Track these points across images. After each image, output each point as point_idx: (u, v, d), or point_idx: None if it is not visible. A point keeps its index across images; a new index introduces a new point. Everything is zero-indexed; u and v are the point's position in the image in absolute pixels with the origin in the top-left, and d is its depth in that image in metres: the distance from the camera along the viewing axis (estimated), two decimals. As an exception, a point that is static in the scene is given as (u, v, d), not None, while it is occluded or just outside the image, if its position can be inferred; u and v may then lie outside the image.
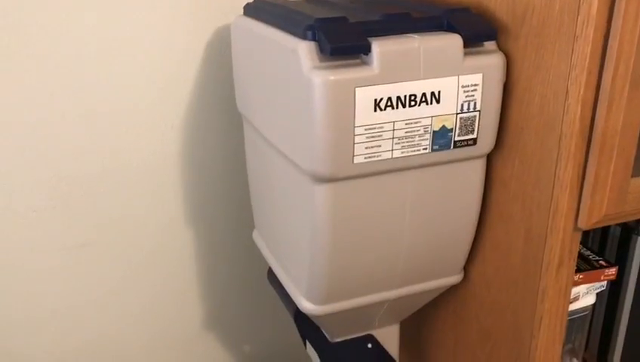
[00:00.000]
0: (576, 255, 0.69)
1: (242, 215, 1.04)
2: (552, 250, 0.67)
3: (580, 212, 0.65)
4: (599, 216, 0.65)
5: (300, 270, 0.74)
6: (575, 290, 0.76)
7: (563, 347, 0.74)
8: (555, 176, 0.64)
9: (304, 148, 0.64)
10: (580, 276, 0.76)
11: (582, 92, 0.60)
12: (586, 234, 0.72)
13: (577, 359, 0.84)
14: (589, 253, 0.80)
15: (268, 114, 0.75)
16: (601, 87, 0.60)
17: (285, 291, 0.81)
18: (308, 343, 0.91)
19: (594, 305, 0.82)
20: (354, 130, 0.62)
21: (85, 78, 0.89)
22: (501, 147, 0.71)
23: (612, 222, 0.69)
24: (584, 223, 0.65)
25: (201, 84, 0.96)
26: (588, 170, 0.63)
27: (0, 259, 0.94)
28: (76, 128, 0.91)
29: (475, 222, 0.76)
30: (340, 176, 0.64)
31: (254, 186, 0.89)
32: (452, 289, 0.83)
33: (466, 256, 0.79)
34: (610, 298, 0.86)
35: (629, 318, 0.86)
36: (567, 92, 0.61)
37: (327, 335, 0.85)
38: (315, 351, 0.89)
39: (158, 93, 0.94)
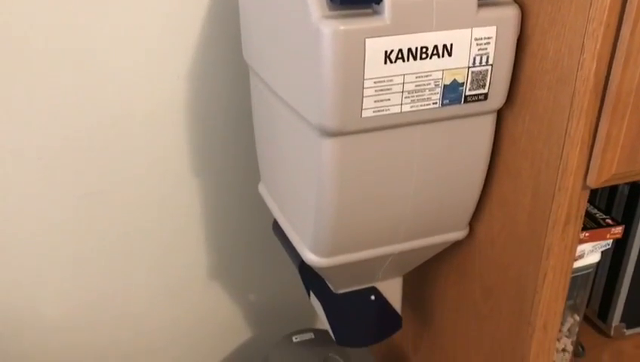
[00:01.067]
0: (584, 213, 0.68)
1: (248, 166, 1.04)
2: (559, 207, 0.67)
3: (590, 170, 0.64)
4: (609, 174, 0.64)
5: (305, 223, 0.74)
6: (580, 248, 0.76)
7: (565, 303, 0.74)
8: (566, 133, 0.63)
9: (311, 100, 0.63)
10: (586, 234, 0.76)
11: (598, 47, 0.58)
12: (593, 191, 0.72)
13: (578, 315, 0.85)
14: (596, 211, 0.80)
15: (275, 65, 0.74)
16: (619, 42, 0.58)
17: (290, 243, 0.82)
18: (312, 294, 0.92)
19: (598, 263, 0.82)
20: (363, 83, 0.61)
21: (91, 29, 0.87)
22: (512, 103, 0.70)
23: (621, 181, 0.68)
24: (593, 181, 0.64)
25: (207, 34, 0.94)
26: (600, 128, 0.62)
27: (6, 208, 0.95)
28: (84, 78, 0.90)
29: (483, 179, 0.75)
30: (347, 130, 0.63)
31: (260, 138, 0.89)
32: (456, 245, 0.83)
33: (472, 212, 0.79)
34: (615, 256, 0.87)
35: (632, 277, 0.87)
36: (582, 47, 0.59)
37: (330, 287, 0.86)
38: (318, 302, 0.90)
39: (165, 43, 0.92)
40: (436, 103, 0.65)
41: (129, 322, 1.12)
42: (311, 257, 0.75)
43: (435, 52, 0.62)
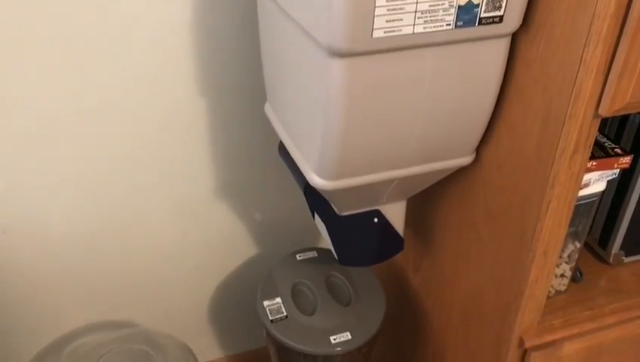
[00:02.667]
0: (593, 142, 0.68)
1: (254, 86, 1.03)
2: (568, 136, 0.66)
3: (603, 98, 0.63)
4: (622, 103, 0.63)
5: (311, 145, 0.74)
6: (587, 177, 0.76)
7: (567, 230, 0.75)
8: (581, 60, 0.62)
9: (321, 19, 0.61)
10: (594, 163, 0.75)
11: (622, -31, 0.55)
12: (603, 120, 0.71)
13: (579, 242, 0.86)
14: (605, 139, 0.79)
15: (284, -20, 0.71)
16: (644, -35, 0.55)
17: (295, 165, 0.82)
18: (316, 215, 0.93)
19: (603, 191, 0.82)
20: (375, 2, 0.59)
21: None
22: (527, 26, 0.68)
23: (634, 110, 0.67)
24: (605, 110, 0.63)
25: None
26: (617, 55, 0.60)
27: (11, 124, 0.95)
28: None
29: (493, 104, 0.74)
30: (357, 50, 0.62)
31: (267, 57, 0.87)
32: (462, 170, 0.83)
33: (480, 137, 0.78)
34: (620, 185, 0.87)
35: (636, 206, 0.87)
36: (605, -31, 0.57)
37: (335, 209, 0.87)
38: (322, 223, 0.91)
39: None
40: (450, 25, 0.63)
41: (136, 235, 1.14)
42: (316, 180, 0.75)
43: (451, -30, 0.59)
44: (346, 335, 0.98)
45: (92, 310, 1.21)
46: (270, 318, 1.00)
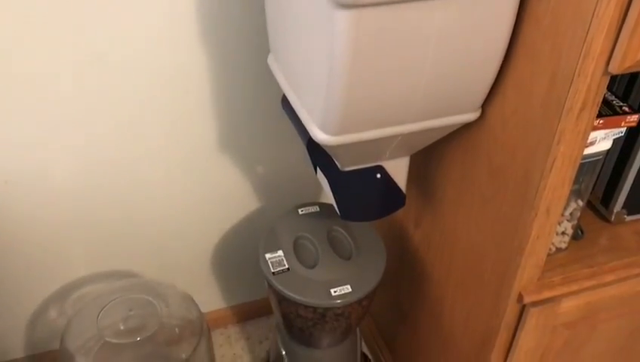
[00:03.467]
0: (601, 100, 0.67)
1: (257, 36, 1.01)
2: (576, 93, 0.65)
3: (614, 55, 0.62)
4: (633, 60, 0.61)
5: (315, 99, 0.73)
6: (593, 135, 0.75)
7: (570, 188, 0.75)
8: (593, 15, 0.60)
9: (326, -32, 0.59)
10: (600, 121, 0.74)
11: None
12: (612, 78, 0.70)
13: (582, 200, 0.86)
14: (613, 97, 0.78)
15: None
16: None
17: (299, 119, 0.81)
18: (319, 170, 0.93)
19: (608, 150, 0.81)
20: (382, -49, 0.57)
21: None
22: (539, -22, 0.66)
23: (644, 68, 0.65)
24: (616, 67, 0.62)
25: None
26: (631, 10, 0.59)
27: (13, 75, 0.93)
28: None
29: (501, 59, 0.72)
30: (363, 1, 0.60)
31: (271, 7, 0.85)
32: (466, 127, 0.82)
33: (486, 93, 0.77)
34: (626, 144, 0.86)
35: (641, 165, 0.86)
36: None
37: (337, 164, 0.87)
38: (325, 178, 0.91)
39: None
40: (459, -24, 0.61)
41: (138, 187, 1.15)
42: (319, 135, 0.74)
43: None
44: (347, 288, 0.99)
45: (95, 260, 1.22)
46: (272, 271, 1.01)
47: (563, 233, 0.86)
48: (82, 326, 0.98)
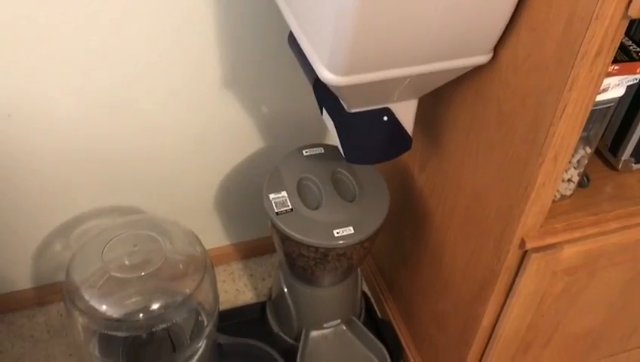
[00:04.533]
0: (617, 45, 0.65)
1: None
2: (593, 37, 0.63)
3: (634, -2, 0.60)
4: (655, 4, 0.59)
5: (323, 38, 0.71)
6: (606, 81, 0.74)
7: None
8: (616, -46, 0.57)
9: None
10: (616, 67, 0.72)
11: None
12: (630, 22, 0.67)
13: (590, 148, 0.85)
14: (630, 42, 0.76)
15: None
16: None
17: (305, 58, 0.79)
18: (324, 111, 0.91)
19: (621, 97, 0.80)
20: None
21: None
22: None
23: (666, 12, 0.63)
24: (636, 11, 0.60)
25: None
26: (656, -50, 0.56)
27: (16, 6, 0.91)
28: None
29: (516, 0, 0.70)
30: None
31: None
32: (477, 70, 0.81)
33: (499, 35, 0.74)
34: (639, 91, 0.84)
35: (652, 114, 0.85)
36: None
37: (344, 105, 0.85)
38: (330, 119, 0.90)
39: None
40: None
41: (143, 123, 1.14)
42: (326, 75, 0.73)
43: None
44: (349, 230, 1.00)
45: (99, 195, 1.23)
46: (276, 211, 1.01)
47: (569, 180, 0.86)
48: (87, 260, 0.99)
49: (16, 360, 1.27)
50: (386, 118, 0.87)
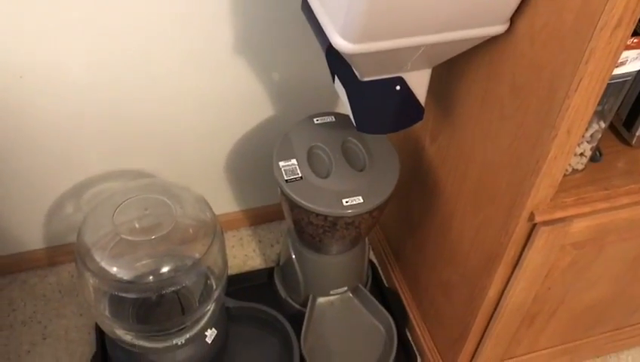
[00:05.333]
0: (638, 17, 0.63)
1: None
2: (613, 7, 0.61)
3: (658, -31, 0.58)
4: (678, -25, 0.58)
5: (337, 4, 0.70)
6: (624, 54, 0.72)
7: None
8: None
9: None
10: (634, 40, 0.71)
11: None
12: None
13: (604, 122, 0.84)
14: (650, 15, 0.74)
15: None
16: None
17: (319, 24, 0.78)
18: (337, 78, 0.91)
19: (638, 71, 0.78)
20: None
21: None
22: None
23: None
24: (658, -18, 0.59)
25: None
26: None
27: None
28: None
29: (535, -31, 0.69)
30: None
31: None
32: (492, 40, 0.79)
33: (517, 5, 0.73)
34: (657, 65, 0.83)
35: (669, 89, 0.84)
36: None
37: (356, 73, 0.85)
38: (342, 87, 0.89)
39: None
40: None
41: (154, 86, 1.13)
42: (339, 42, 0.72)
43: None
44: (358, 199, 1.00)
45: (110, 158, 1.23)
46: (285, 178, 1.01)
47: (581, 154, 0.85)
48: (98, 222, 1.00)
49: (28, 317, 1.30)
50: (398, 88, 0.86)
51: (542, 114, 0.75)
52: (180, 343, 1.06)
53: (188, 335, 1.07)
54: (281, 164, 1.03)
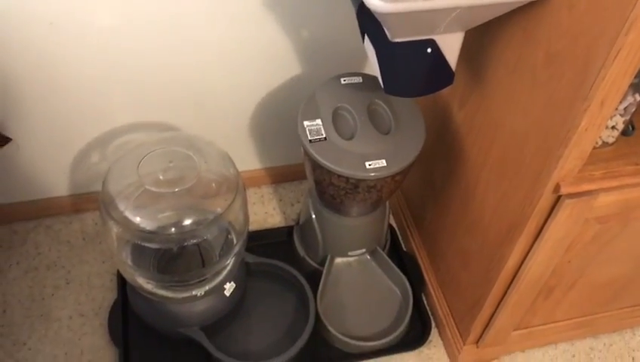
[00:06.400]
0: (685, -13, 0.61)
1: None
2: (659, -23, 0.59)
3: None
4: None
5: (372, -40, 0.68)
6: (667, 25, 0.70)
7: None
8: None
9: None
10: (679, 11, 0.68)
11: None
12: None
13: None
14: (697, -15, 0.71)
15: None
16: None
17: (352, -19, 0.77)
18: (367, 38, 0.89)
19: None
20: None
21: None
22: None
23: None
24: None
25: None
26: None
27: None
28: None
29: None
30: None
31: None
32: (529, 5, 0.77)
33: (558, -30, 0.71)
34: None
35: None
36: None
37: (387, 34, 0.83)
38: (372, 48, 0.88)
39: None
40: None
41: (182, 38, 1.13)
42: (372, 0, 0.70)
43: None
44: (382, 162, 0.99)
45: (136, 110, 1.24)
46: (309, 138, 1.01)
47: (613, 127, 0.83)
48: (123, 172, 1.01)
49: (53, 262, 1.34)
50: (429, 50, 0.85)
51: (576, 83, 0.73)
52: (199, 294, 1.08)
53: (207, 288, 1.09)
54: (306, 123, 1.02)
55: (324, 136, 1.01)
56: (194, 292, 1.08)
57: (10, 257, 1.33)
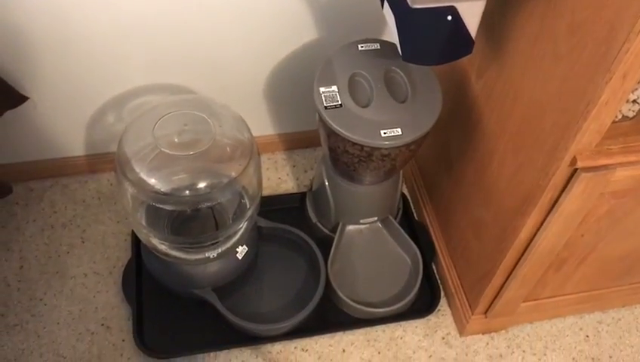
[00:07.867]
0: None
1: None
2: (691, -54, 0.57)
3: None
4: None
5: None
6: (696, -2, 0.68)
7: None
8: None
9: None
10: None
11: None
12: None
13: (663, 70, 0.80)
14: None
15: None
16: None
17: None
18: (386, 3, 0.88)
19: None
20: None
21: None
22: None
23: None
24: None
25: None
26: None
27: None
28: None
29: None
30: None
31: None
32: (555, -27, 0.75)
33: (586, -63, 0.69)
34: None
35: None
36: None
37: (408, 0, 0.82)
38: (391, 13, 0.87)
39: None
40: None
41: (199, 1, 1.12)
42: (394, -36, 0.69)
43: None
44: (397, 131, 0.99)
45: (152, 72, 1.24)
46: (324, 105, 1.00)
47: (634, 101, 0.82)
48: (139, 134, 1.01)
49: (68, 220, 1.36)
50: (450, 18, 0.83)
51: (598, 55, 0.72)
52: (212, 256, 1.10)
53: (220, 250, 1.10)
54: (322, 89, 1.02)
55: (339, 102, 1.01)
56: (207, 254, 1.09)
57: (28, 214, 1.35)
